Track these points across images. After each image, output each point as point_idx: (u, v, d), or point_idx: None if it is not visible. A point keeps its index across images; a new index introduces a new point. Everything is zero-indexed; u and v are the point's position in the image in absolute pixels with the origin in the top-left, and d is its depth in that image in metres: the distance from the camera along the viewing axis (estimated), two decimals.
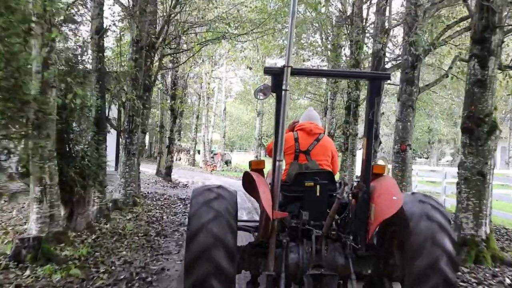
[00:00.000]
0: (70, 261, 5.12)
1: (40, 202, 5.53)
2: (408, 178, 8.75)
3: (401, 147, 8.75)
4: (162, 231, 7.25)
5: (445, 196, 12.90)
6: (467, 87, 6.20)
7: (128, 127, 9.30)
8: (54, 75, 5.57)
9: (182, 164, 32.41)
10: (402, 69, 8.91)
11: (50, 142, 5.53)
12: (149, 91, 10.41)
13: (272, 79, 3.28)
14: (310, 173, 3.69)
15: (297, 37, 14.20)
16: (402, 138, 8.73)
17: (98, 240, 6.21)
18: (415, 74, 8.76)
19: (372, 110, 3.33)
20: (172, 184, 16.17)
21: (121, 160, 9.37)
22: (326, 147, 4.03)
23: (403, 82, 8.81)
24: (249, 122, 42.93)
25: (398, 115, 8.88)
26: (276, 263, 3.17)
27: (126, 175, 9.35)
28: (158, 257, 5.68)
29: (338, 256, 3.36)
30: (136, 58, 9.25)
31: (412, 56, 8.63)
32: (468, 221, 6.00)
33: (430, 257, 2.98)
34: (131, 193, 9.41)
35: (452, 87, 13.55)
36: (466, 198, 6.03)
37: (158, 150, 19.67)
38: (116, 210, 8.67)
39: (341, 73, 7.19)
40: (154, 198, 11.32)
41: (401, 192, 3.28)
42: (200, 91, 29.17)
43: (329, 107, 16.38)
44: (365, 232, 3.32)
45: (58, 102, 5.73)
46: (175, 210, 9.62)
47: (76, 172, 6.14)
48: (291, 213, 3.55)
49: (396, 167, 8.79)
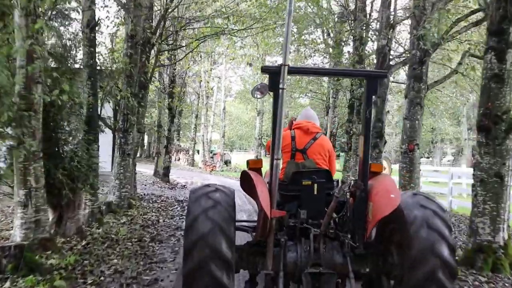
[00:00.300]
0: (55, 270, 4.72)
1: (25, 206, 5.14)
2: (416, 179, 8.34)
3: (408, 146, 8.34)
4: (158, 236, 6.84)
5: (451, 197, 12.49)
6: (483, 82, 5.79)
7: (123, 126, 8.89)
8: (39, 69, 5.16)
9: (181, 164, 31.99)
10: (410, 65, 8.51)
11: (35, 142, 5.13)
12: (145, 89, 10.00)
13: (269, 77, 3.26)
14: (308, 172, 3.69)
15: (298, 33, 13.80)
16: (410, 137, 8.32)
17: (88, 247, 5.80)
18: (423, 70, 8.36)
19: (370, 108, 3.34)
20: (170, 185, 15.75)
21: (116, 160, 8.97)
22: (323, 146, 4.02)
23: (411, 78, 8.41)
24: (249, 122, 42.50)
25: (405, 113, 8.47)
26: (274, 262, 3.21)
27: (121, 176, 8.94)
28: (151, 265, 5.26)
29: (336, 254, 3.36)
30: (131, 54, 8.84)
31: (421, 51, 8.23)
32: (485, 226, 5.60)
33: (426, 242, 2.98)
34: (126, 195, 9.00)
35: (458, 84, 13.09)
36: (483, 201, 5.63)
37: (155, 150, 19.26)
38: (110, 213, 8.26)
39: (339, 71, 7.23)
40: (151, 200, 10.91)
41: (398, 190, 3.25)
42: (199, 90, 28.72)
43: (331, 105, 15.96)
44: (363, 231, 3.34)
45: (45, 99, 5.32)
46: (172, 213, 9.21)
47: (64, 174, 5.73)
48: (289, 212, 3.54)
49: (404, 167, 8.38)
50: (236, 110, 45.85)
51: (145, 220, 8.12)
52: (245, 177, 3.41)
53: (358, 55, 11.90)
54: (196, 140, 31.89)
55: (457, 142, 33.00)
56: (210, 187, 3.28)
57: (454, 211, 12.25)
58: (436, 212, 3.12)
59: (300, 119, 4.25)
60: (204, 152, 30.69)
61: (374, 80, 3.41)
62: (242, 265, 3.44)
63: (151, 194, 12.17)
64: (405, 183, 8.34)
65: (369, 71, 8.01)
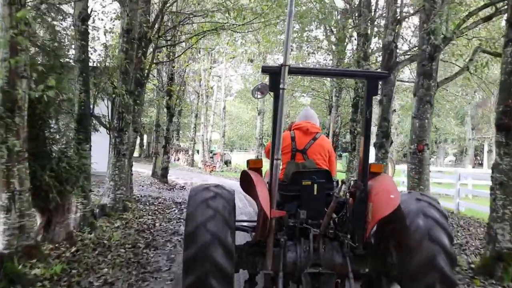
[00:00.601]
0: (39, 282, 4.32)
1: (8, 211, 4.72)
2: (425, 181, 7.93)
3: (418, 147, 7.94)
4: (153, 242, 6.43)
5: (458, 199, 12.08)
6: (502, 78, 5.38)
7: (117, 125, 8.49)
8: (24, 63, 4.76)
9: (181, 164, 31.56)
10: (419, 61, 8.10)
11: (19, 141, 4.73)
12: (142, 87, 9.59)
13: (270, 77, 3.24)
14: (307, 172, 3.69)
15: (301, 29, 13.40)
16: (419, 137, 7.92)
17: (77, 254, 5.39)
18: (433, 67, 7.96)
19: (370, 109, 3.33)
20: (168, 186, 15.33)
21: (110, 161, 8.56)
22: (323, 146, 4.02)
23: (420, 75, 8.01)
24: (250, 121, 42.01)
25: (414, 112, 8.07)
26: (274, 262, 3.22)
27: (116, 177, 8.53)
28: (145, 275, 4.85)
29: (336, 255, 3.37)
30: (127, 49, 8.45)
31: (431, 46, 7.84)
32: (505, 232, 5.19)
33: (427, 254, 2.97)
34: (121, 198, 8.60)
35: (469, 82, 12.65)
36: (502, 205, 5.22)
37: (154, 150, 18.82)
38: (104, 216, 7.86)
39: (339, 72, 7.23)
40: (148, 202, 10.49)
41: (398, 190, 3.23)
42: (199, 89, 28.28)
43: (334, 104, 15.54)
44: (363, 231, 3.33)
45: (31, 95, 4.93)
46: (169, 216, 8.80)
47: (52, 176, 5.32)
48: (289, 212, 3.54)
49: (413, 169, 7.97)
50: (237, 110, 45.41)
51: (141, 224, 7.72)
52: (245, 177, 3.40)
53: (364, 52, 11.50)
54: (196, 140, 31.45)
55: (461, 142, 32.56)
56: (210, 191, 3.20)
57: (462, 213, 11.84)
58: (430, 203, 3.17)
59: (299, 120, 4.25)
60: (204, 152, 30.21)
61: (374, 81, 3.38)
62: (242, 265, 3.44)
63: (148, 195, 11.76)
64: (414, 185, 7.93)
65: (370, 71, 7.90)
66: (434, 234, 2.99)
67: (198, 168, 29.27)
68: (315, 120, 4.24)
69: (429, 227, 3.01)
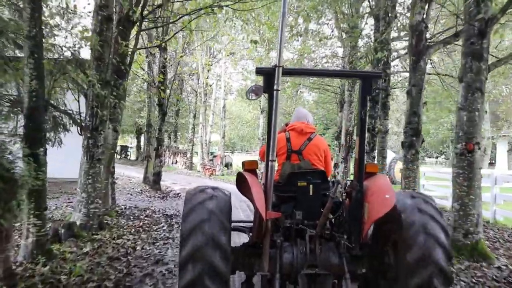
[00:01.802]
0: None
1: None
2: (477, 190, 6.29)
3: (467, 146, 6.32)
4: (126, 278, 4.78)
5: (495, 207, 10.40)
6: None
7: (90, 123, 6.87)
8: None
9: (179, 167, 29.92)
10: (465, 39, 6.51)
11: None
12: (122, 77, 7.96)
13: (264, 79, 3.25)
14: (303, 173, 3.68)
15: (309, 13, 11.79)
16: (468, 134, 6.33)
17: None
18: (484, 45, 6.36)
19: (364, 109, 3.32)
20: (161, 193, 13.63)
21: (82, 168, 6.94)
22: (318, 146, 4.00)
23: (468, 56, 6.44)
24: (251, 121, 40.24)
25: (461, 102, 6.46)
26: (271, 264, 3.19)
27: (89, 188, 6.90)
28: None
29: (332, 255, 3.35)
30: (101, 30, 6.85)
31: (481, 20, 6.23)
32: None
33: (423, 248, 2.93)
34: (95, 213, 6.96)
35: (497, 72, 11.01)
36: None
37: (146, 153, 17.17)
38: (71, 238, 6.25)
39: (333, 72, 7.03)
40: (132, 216, 8.82)
41: (393, 190, 3.15)
42: (197, 87, 26.58)
43: (346, 100, 13.88)
44: (359, 231, 3.29)
45: None
46: (156, 235, 7.13)
47: None
48: (285, 213, 3.53)
49: (460, 174, 6.36)
50: (237, 109, 43.75)
51: (117, 248, 6.07)
52: (241, 178, 3.36)
53: (381, 34, 9.87)
54: (195, 142, 29.76)
55: None
56: (206, 193, 3.14)
57: (499, 222, 10.17)
58: (425, 200, 3.15)
59: (292, 121, 4.23)
60: (203, 155, 28.47)
61: (368, 81, 3.34)
62: (238, 266, 3.41)
63: (134, 207, 10.09)
64: (462, 194, 6.30)
65: (364, 71, 7.91)
66: (429, 228, 2.97)
67: (197, 171, 27.60)
68: (308, 119, 4.20)
69: (425, 222, 3.00)
